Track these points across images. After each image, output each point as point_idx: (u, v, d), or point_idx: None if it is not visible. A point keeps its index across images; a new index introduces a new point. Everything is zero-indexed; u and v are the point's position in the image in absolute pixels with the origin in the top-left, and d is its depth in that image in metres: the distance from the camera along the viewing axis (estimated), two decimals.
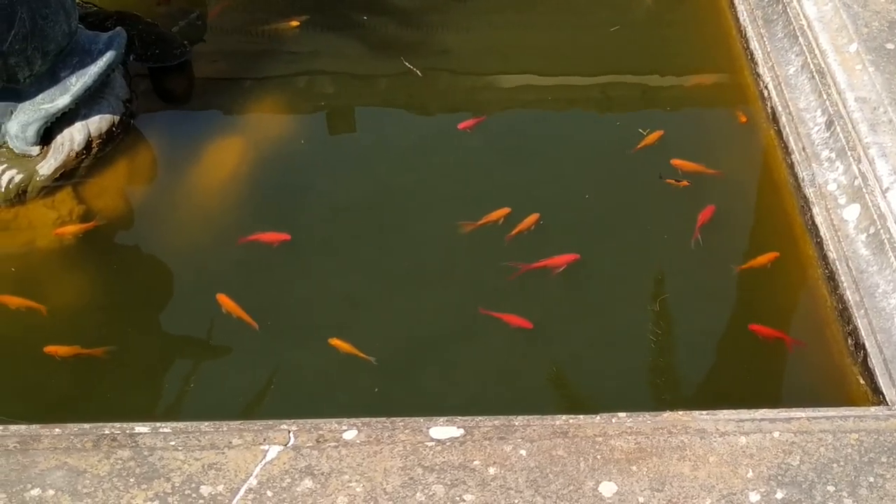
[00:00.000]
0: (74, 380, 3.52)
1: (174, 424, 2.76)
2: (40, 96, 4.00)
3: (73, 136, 4.10)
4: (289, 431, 2.70)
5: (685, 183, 4.08)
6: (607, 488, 2.55)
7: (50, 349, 3.50)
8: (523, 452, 2.64)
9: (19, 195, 3.99)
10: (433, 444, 2.66)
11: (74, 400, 3.48)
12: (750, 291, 3.77)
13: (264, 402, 3.42)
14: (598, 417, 2.79)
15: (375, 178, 4.25)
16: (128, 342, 3.63)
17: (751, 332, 3.55)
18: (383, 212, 4.07)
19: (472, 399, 3.36)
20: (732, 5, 5.02)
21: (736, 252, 3.90)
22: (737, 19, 4.95)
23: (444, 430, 2.72)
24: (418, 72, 4.88)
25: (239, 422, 2.78)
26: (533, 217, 3.89)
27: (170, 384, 3.53)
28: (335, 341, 3.50)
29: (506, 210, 3.91)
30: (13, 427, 2.76)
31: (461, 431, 2.71)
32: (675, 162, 4.16)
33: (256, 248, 3.90)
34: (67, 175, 4.08)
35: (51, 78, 4.01)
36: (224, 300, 3.65)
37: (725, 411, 2.78)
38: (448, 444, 2.66)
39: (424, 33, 5.24)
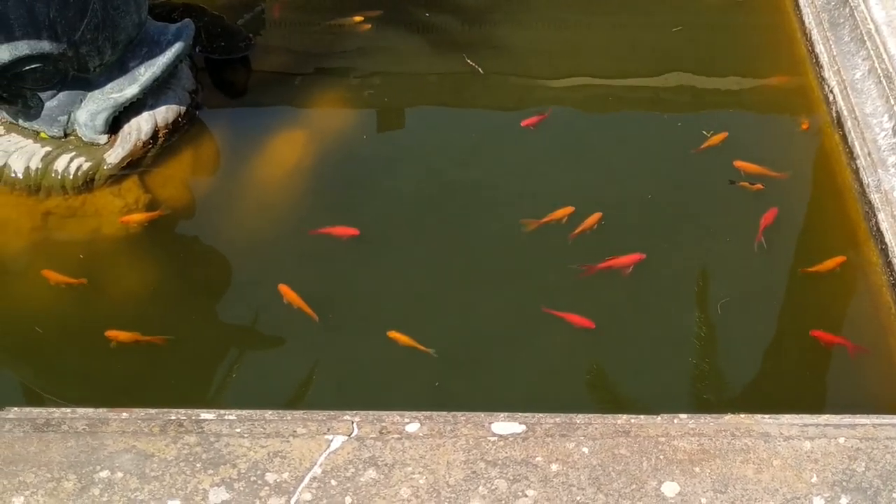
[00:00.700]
0: (136, 366, 3.57)
1: (239, 412, 2.79)
2: (109, 86, 4.06)
3: (141, 126, 4.16)
4: (352, 422, 2.72)
5: (759, 186, 4.05)
6: (670, 488, 2.55)
7: (111, 333, 3.55)
8: (585, 450, 2.64)
9: (87, 183, 4.06)
10: (495, 438, 2.67)
11: (136, 385, 3.52)
12: (812, 296, 3.74)
13: (323, 392, 3.45)
14: (660, 418, 2.78)
15: (437, 175, 4.27)
16: (189, 330, 3.69)
17: (812, 338, 3.52)
18: (445, 208, 4.09)
19: (531, 396, 3.36)
20: (798, 8, 4.98)
21: (798, 256, 3.87)
22: (802, 22, 4.91)
23: (505, 425, 2.72)
24: (480, 69, 4.90)
25: (302, 411, 2.80)
26: (595, 216, 3.89)
27: (229, 373, 3.57)
28: (394, 334, 3.52)
29: (569, 209, 3.91)
30: (81, 410, 2.80)
31: (523, 427, 2.71)
32: (739, 164, 4.14)
33: (319, 239, 3.94)
34: (134, 164, 4.14)
35: (120, 68, 4.07)
36: (286, 291, 3.68)
37: (789, 416, 2.76)
38: (510, 439, 2.67)
39: (487, 31, 5.25)
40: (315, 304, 3.66)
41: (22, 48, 3.71)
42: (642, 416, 2.79)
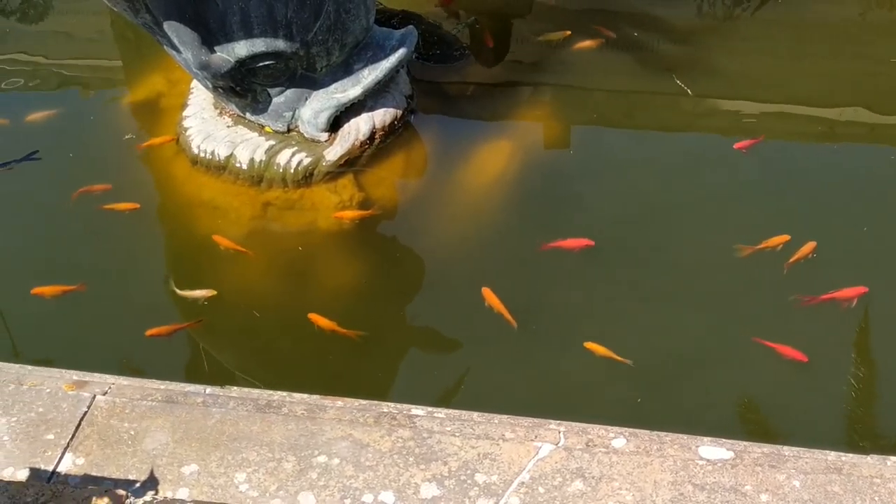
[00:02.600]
0: (338, 356, 3.69)
1: (447, 411, 2.86)
2: (334, 86, 4.21)
3: (360, 126, 4.30)
4: (558, 431, 2.75)
5: None
6: None
7: (313, 317, 3.69)
8: (797, 483, 2.59)
9: (306, 177, 4.22)
10: (703, 462, 2.65)
11: (335, 374, 3.65)
12: None
13: (520, 398, 3.47)
14: (870, 458, 2.71)
15: (643, 194, 4.25)
16: (391, 326, 3.80)
17: None
18: (651, 227, 4.07)
19: (733, 423, 3.32)
20: None
21: None
22: None
23: (713, 450, 2.70)
24: (689, 91, 4.86)
25: (507, 416, 2.85)
26: (810, 245, 3.80)
27: (427, 371, 3.66)
28: (591, 345, 3.54)
29: (785, 237, 3.83)
30: (297, 395, 2.93)
31: (731, 454, 2.69)
32: None
33: (520, 248, 4.00)
34: (350, 162, 4.28)
35: (345, 69, 4.21)
36: (488, 294, 3.74)
37: None
38: (719, 465, 2.64)
39: (696, 53, 5.21)
40: (514, 311, 3.70)
41: (258, 45, 3.88)
42: (852, 455, 2.73)
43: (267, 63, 3.99)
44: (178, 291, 3.84)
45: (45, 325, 3.83)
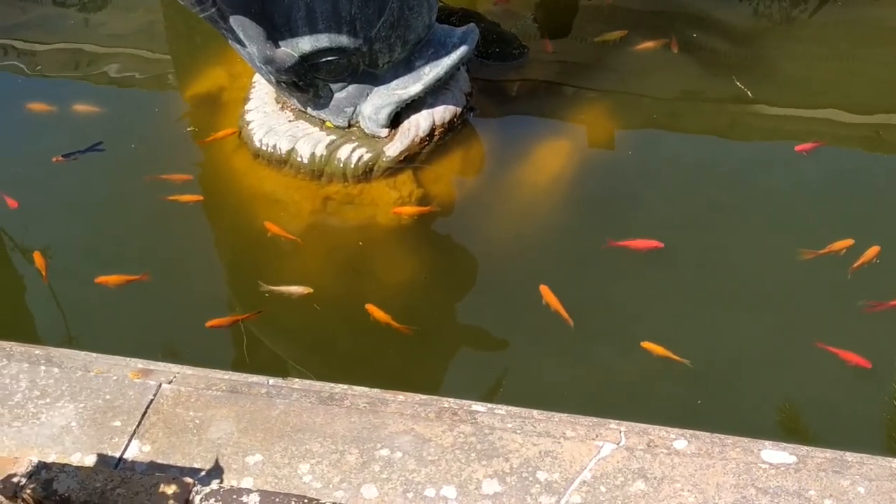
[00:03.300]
0: (394, 350, 3.71)
1: (508, 408, 2.86)
2: (395, 82, 4.23)
3: (420, 123, 4.32)
4: (619, 431, 2.74)
5: None
6: None
7: (370, 307, 3.72)
8: (861, 490, 2.57)
9: (366, 173, 4.25)
10: (766, 466, 2.64)
11: (394, 370, 3.68)
12: None
13: (577, 396, 3.48)
14: None
15: (703, 195, 4.25)
16: (447, 322, 3.83)
17: None
18: (711, 230, 4.06)
19: (793, 427, 3.30)
20: None
21: None
22: None
23: (775, 454, 2.68)
24: (749, 93, 4.83)
25: (567, 414, 2.85)
26: (874, 250, 3.76)
27: (483, 367, 3.68)
28: (648, 344, 3.54)
29: (849, 241, 3.80)
30: (358, 388, 2.95)
31: (793, 458, 2.67)
32: None
33: (578, 247, 4.01)
34: (410, 159, 4.31)
35: (406, 66, 4.23)
36: (546, 292, 3.75)
37: None
38: (782, 469, 2.63)
39: (756, 56, 5.17)
40: (571, 310, 3.71)
41: (322, 40, 3.92)
42: None
43: (330, 58, 4.02)
44: (273, 288, 3.85)
45: (108, 314, 3.90)
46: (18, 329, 3.85)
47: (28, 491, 2.54)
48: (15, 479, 2.57)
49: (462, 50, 4.22)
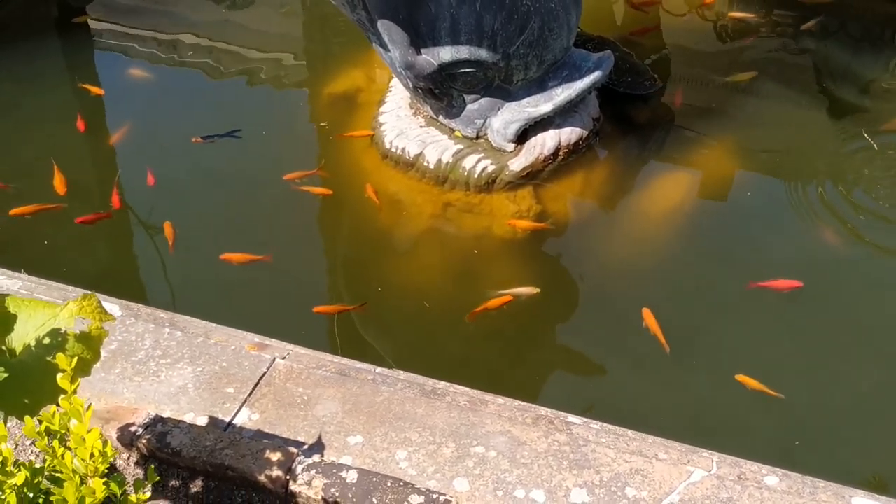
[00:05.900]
0: (497, 359, 3.82)
1: (602, 423, 2.92)
2: (526, 99, 4.34)
3: (545, 142, 4.42)
4: (711, 460, 2.79)
5: None
6: None
7: (479, 313, 3.86)
8: None
9: (488, 184, 4.37)
10: None
11: (492, 374, 3.78)
12: None
13: (668, 422, 3.50)
14: None
15: (824, 245, 4.23)
16: (547, 335, 3.92)
17: None
18: (833, 276, 4.06)
19: (888, 483, 3.29)
20: None
21: None
22: None
23: (866, 502, 2.70)
24: (875, 145, 4.79)
25: (661, 438, 2.90)
26: None
27: (578, 382, 3.77)
28: (742, 377, 3.57)
29: None
30: (459, 387, 3.05)
31: None
32: None
33: (686, 278, 4.06)
34: (532, 175, 4.41)
35: (539, 85, 4.34)
36: (647, 315, 3.81)
37: None
38: None
39: (884, 106, 5.12)
40: (670, 338, 3.76)
41: (462, 52, 4.05)
42: None
43: (467, 70, 4.15)
44: (501, 292, 3.96)
45: (228, 289, 4.08)
46: (143, 293, 4.07)
47: (143, 441, 2.70)
48: (132, 429, 2.74)
49: (596, 75, 4.31)
